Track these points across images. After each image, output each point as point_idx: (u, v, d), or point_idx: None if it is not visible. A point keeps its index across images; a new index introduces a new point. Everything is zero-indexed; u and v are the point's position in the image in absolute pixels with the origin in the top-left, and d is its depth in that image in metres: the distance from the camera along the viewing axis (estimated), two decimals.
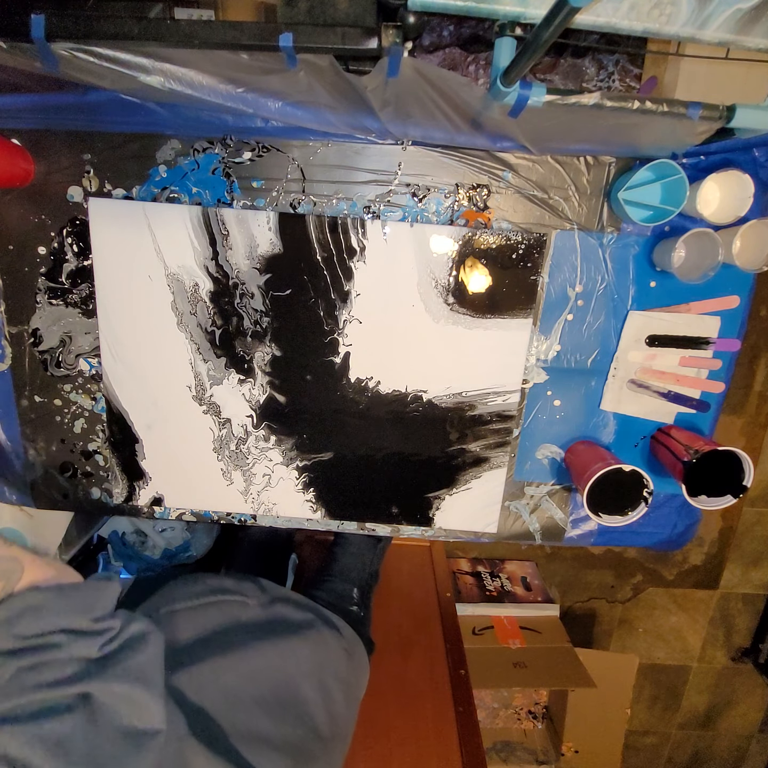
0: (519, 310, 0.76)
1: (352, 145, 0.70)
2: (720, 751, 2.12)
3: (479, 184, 0.72)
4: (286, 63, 0.56)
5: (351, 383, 0.79)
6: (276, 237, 0.73)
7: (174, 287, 0.75)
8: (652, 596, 1.91)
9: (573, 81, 1.30)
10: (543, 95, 0.56)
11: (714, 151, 0.68)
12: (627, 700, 1.71)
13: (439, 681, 1.03)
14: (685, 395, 0.78)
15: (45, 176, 0.72)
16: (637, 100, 0.58)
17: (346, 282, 0.75)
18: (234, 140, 0.70)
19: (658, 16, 0.51)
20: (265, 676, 0.57)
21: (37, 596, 0.42)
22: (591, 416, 0.80)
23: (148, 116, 0.66)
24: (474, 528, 0.86)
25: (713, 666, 2.01)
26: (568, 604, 1.89)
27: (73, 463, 0.83)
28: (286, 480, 0.83)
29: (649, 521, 0.84)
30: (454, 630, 1.16)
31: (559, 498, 0.85)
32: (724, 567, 1.88)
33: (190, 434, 0.81)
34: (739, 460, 0.70)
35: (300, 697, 0.59)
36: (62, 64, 0.56)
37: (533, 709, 1.77)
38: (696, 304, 0.75)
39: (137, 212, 0.72)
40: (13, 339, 0.78)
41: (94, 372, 0.79)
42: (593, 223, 0.73)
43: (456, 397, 0.79)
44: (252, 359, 0.78)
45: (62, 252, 0.74)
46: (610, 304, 0.75)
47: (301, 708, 0.58)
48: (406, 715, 0.95)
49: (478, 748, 0.91)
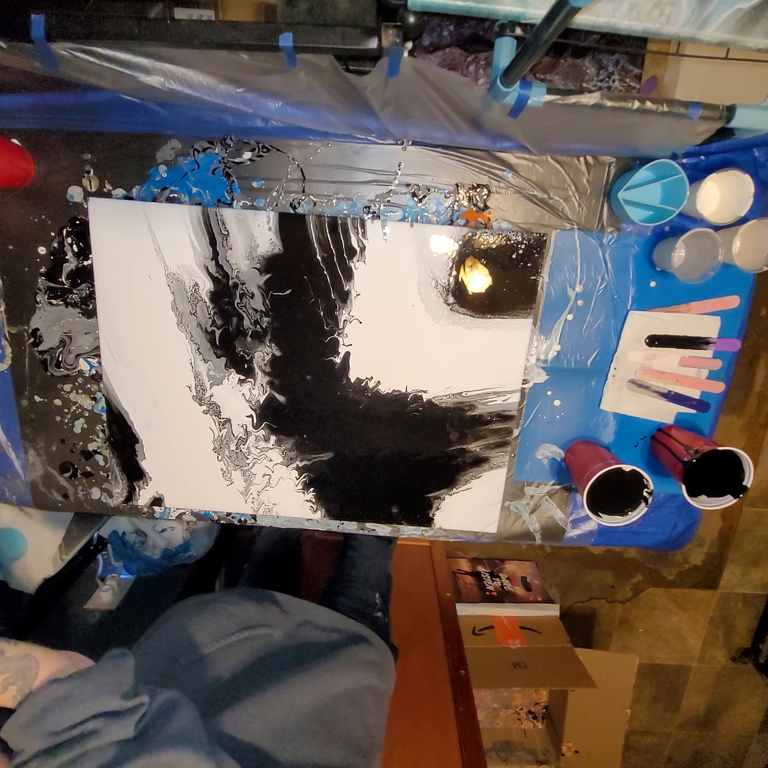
0: (519, 310, 0.76)
1: (352, 145, 0.70)
2: (720, 751, 2.12)
3: (479, 184, 0.72)
4: (286, 63, 0.56)
5: (351, 383, 0.79)
6: (276, 237, 0.73)
7: (174, 287, 0.75)
8: (652, 596, 1.91)
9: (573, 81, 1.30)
10: (543, 95, 0.56)
11: (714, 151, 0.68)
12: (627, 700, 1.71)
13: (439, 681, 1.03)
14: (685, 395, 0.78)
15: (45, 176, 0.72)
16: (637, 100, 0.58)
17: (346, 282, 0.75)
18: (234, 140, 0.70)
19: (658, 16, 0.51)
20: (305, 703, 0.57)
21: (60, 687, 0.41)
22: (591, 416, 0.80)
23: (148, 116, 0.66)
24: (474, 528, 0.86)
25: (713, 666, 2.01)
26: (568, 604, 1.89)
27: (73, 463, 0.83)
28: (286, 480, 0.83)
29: (649, 521, 0.84)
30: (454, 630, 1.17)
31: (559, 498, 0.85)
32: (724, 567, 1.88)
33: (190, 434, 0.81)
34: (739, 460, 0.70)
35: (339, 716, 0.59)
36: (62, 64, 0.56)
37: (533, 709, 1.77)
38: (696, 304, 0.75)
39: (137, 212, 0.72)
40: (13, 339, 0.78)
41: (94, 372, 0.79)
42: (593, 223, 0.73)
43: (456, 397, 0.79)
44: (252, 359, 0.78)
45: (62, 252, 0.74)
46: (610, 304, 0.75)
47: (342, 726, 0.58)
48: (406, 715, 0.95)
49: (478, 748, 0.91)
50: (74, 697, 0.40)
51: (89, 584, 1.26)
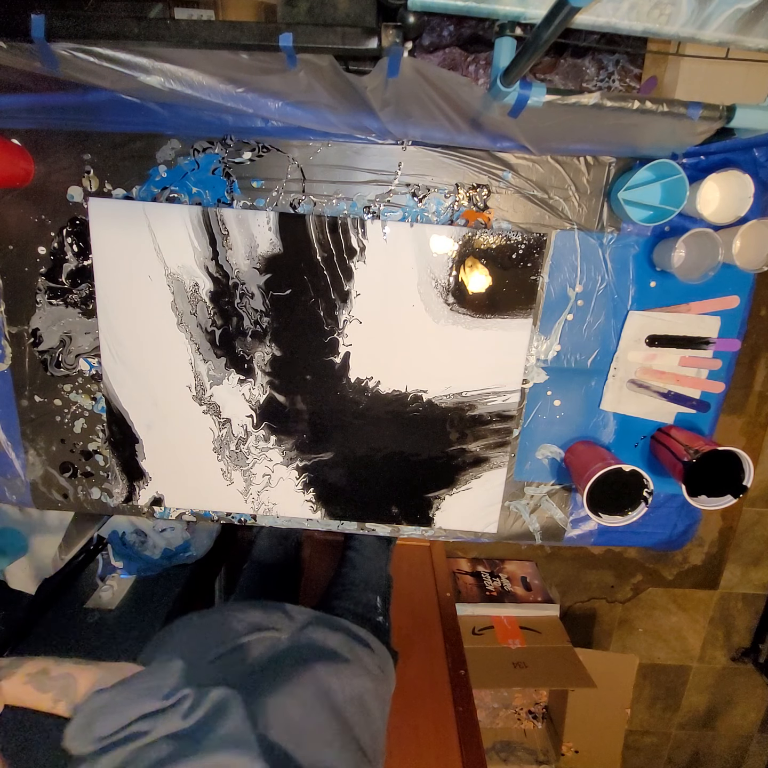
0: (519, 310, 0.76)
1: (352, 145, 0.70)
2: (720, 751, 2.12)
3: (479, 184, 0.72)
4: (286, 63, 0.56)
5: (351, 383, 0.79)
6: (276, 237, 0.73)
7: (174, 287, 0.75)
8: (652, 596, 1.91)
9: (573, 81, 1.30)
10: (543, 95, 0.56)
11: (714, 151, 0.68)
12: (627, 700, 1.71)
13: (439, 681, 1.03)
14: (685, 395, 0.78)
15: (45, 176, 0.72)
16: (637, 100, 0.58)
17: (346, 282, 0.75)
18: (234, 140, 0.70)
19: (658, 16, 0.51)
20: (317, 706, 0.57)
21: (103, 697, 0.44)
22: (591, 416, 0.80)
23: (148, 116, 0.66)
24: (474, 528, 0.86)
25: (713, 666, 2.01)
26: (568, 604, 1.89)
27: (73, 463, 0.83)
28: (286, 480, 0.83)
29: (649, 521, 0.84)
30: (454, 630, 1.16)
31: (559, 498, 0.85)
32: (724, 567, 1.88)
33: (190, 434, 0.81)
34: (739, 460, 0.70)
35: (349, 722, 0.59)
36: (62, 64, 0.56)
37: (533, 709, 1.77)
38: (696, 304, 0.75)
39: (137, 212, 0.72)
40: (13, 339, 0.78)
41: (94, 372, 0.79)
42: (593, 223, 0.73)
43: (456, 397, 0.79)
44: (252, 359, 0.78)
45: (62, 252, 0.74)
46: (610, 304, 0.75)
47: (350, 733, 0.58)
48: (406, 715, 0.95)
49: (478, 748, 0.91)
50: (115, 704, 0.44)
51: (89, 584, 1.26)
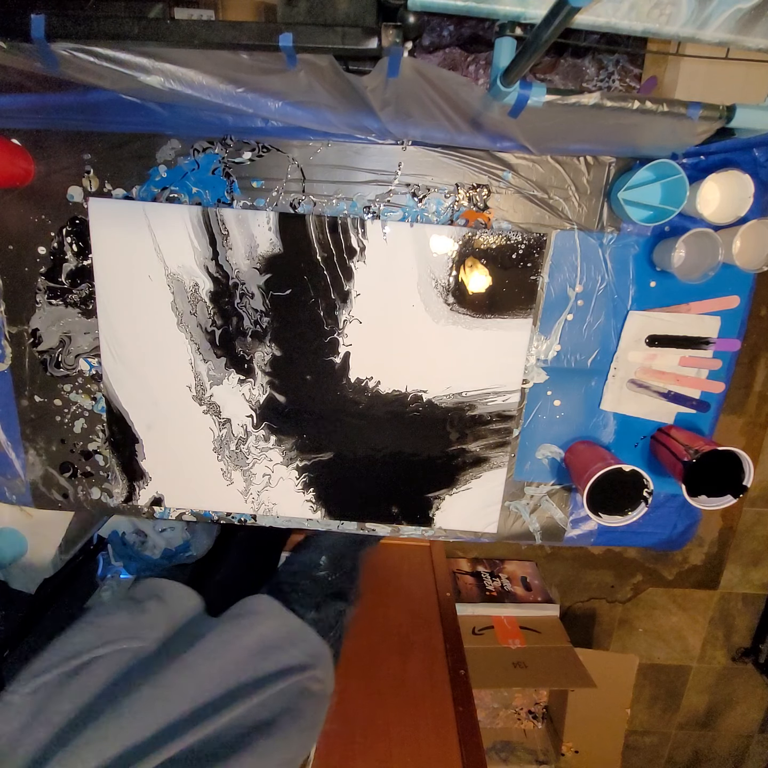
0: (519, 310, 0.76)
1: (352, 145, 0.70)
2: (720, 751, 2.12)
3: (479, 184, 0.72)
4: (286, 63, 0.56)
5: (351, 383, 0.79)
6: (276, 237, 0.73)
7: (174, 287, 0.75)
8: (652, 596, 1.91)
9: (573, 81, 1.29)
10: (543, 95, 0.56)
11: (714, 151, 0.68)
12: (627, 700, 1.71)
13: (439, 681, 1.03)
14: (685, 395, 0.78)
15: (45, 176, 0.72)
16: (637, 100, 0.58)
17: (346, 282, 0.75)
18: (234, 140, 0.70)
19: (658, 16, 0.51)
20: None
21: None
22: (591, 416, 0.80)
23: (148, 116, 0.66)
24: (474, 528, 0.86)
25: (713, 666, 2.01)
26: (568, 604, 1.89)
27: (73, 463, 0.83)
28: (286, 480, 0.83)
29: (649, 521, 0.84)
30: (454, 630, 1.16)
31: (559, 498, 0.85)
32: (724, 567, 1.88)
33: (190, 434, 0.81)
34: (739, 460, 0.70)
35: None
36: (62, 64, 0.56)
37: (533, 709, 1.77)
38: (696, 304, 0.75)
39: (137, 212, 0.72)
40: (13, 339, 0.78)
41: (94, 372, 0.79)
42: (593, 223, 0.73)
43: (456, 397, 0.79)
44: (252, 359, 0.78)
45: (62, 252, 0.74)
46: (610, 304, 0.75)
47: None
48: (406, 715, 0.95)
49: (478, 748, 0.91)
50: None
51: (89, 584, 1.26)
